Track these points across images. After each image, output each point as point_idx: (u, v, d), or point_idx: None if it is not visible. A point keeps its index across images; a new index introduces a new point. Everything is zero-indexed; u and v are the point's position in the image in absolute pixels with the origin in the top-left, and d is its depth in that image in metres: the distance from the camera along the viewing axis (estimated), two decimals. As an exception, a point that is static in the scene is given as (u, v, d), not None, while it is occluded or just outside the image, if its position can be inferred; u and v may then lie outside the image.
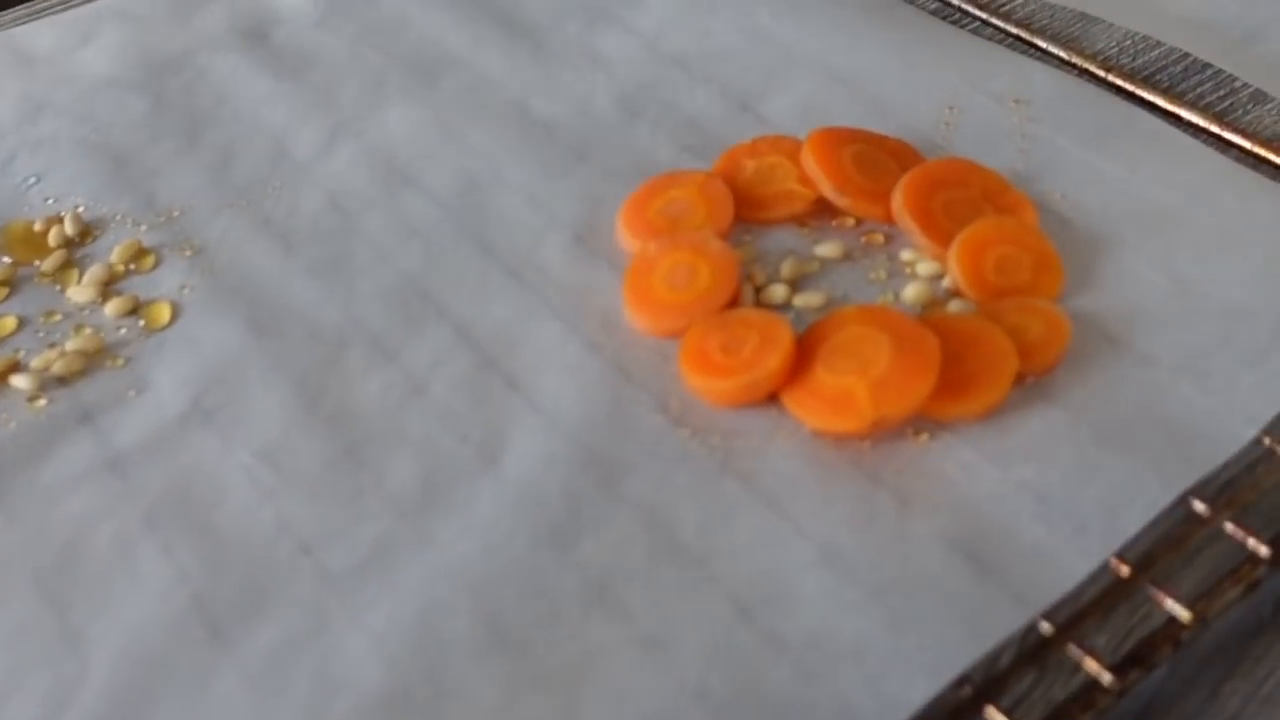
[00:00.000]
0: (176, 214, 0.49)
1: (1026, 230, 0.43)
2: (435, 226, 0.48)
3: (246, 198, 0.50)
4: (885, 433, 0.39)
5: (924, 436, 0.39)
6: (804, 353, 0.40)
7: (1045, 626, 0.34)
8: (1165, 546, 0.36)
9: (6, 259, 0.48)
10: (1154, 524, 0.36)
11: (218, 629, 0.36)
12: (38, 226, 0.49)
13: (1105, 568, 0.35)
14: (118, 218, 0.50)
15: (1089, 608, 0.35)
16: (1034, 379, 0.40)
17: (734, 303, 0.43)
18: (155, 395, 0.42)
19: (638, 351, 0.42)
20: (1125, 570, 0.35)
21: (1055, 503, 0.37)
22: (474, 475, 0.39)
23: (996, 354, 0.39)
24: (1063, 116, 0.50)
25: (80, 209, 0.50)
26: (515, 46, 0.56)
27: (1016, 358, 0.39)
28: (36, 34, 0.60)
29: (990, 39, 0.55)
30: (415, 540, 0.37)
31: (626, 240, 0.46)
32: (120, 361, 0.44)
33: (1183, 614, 0.34)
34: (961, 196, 0.45)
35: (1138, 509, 0.36)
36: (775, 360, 0.39)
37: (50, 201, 0.50)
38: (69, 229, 0.48)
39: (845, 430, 0.38)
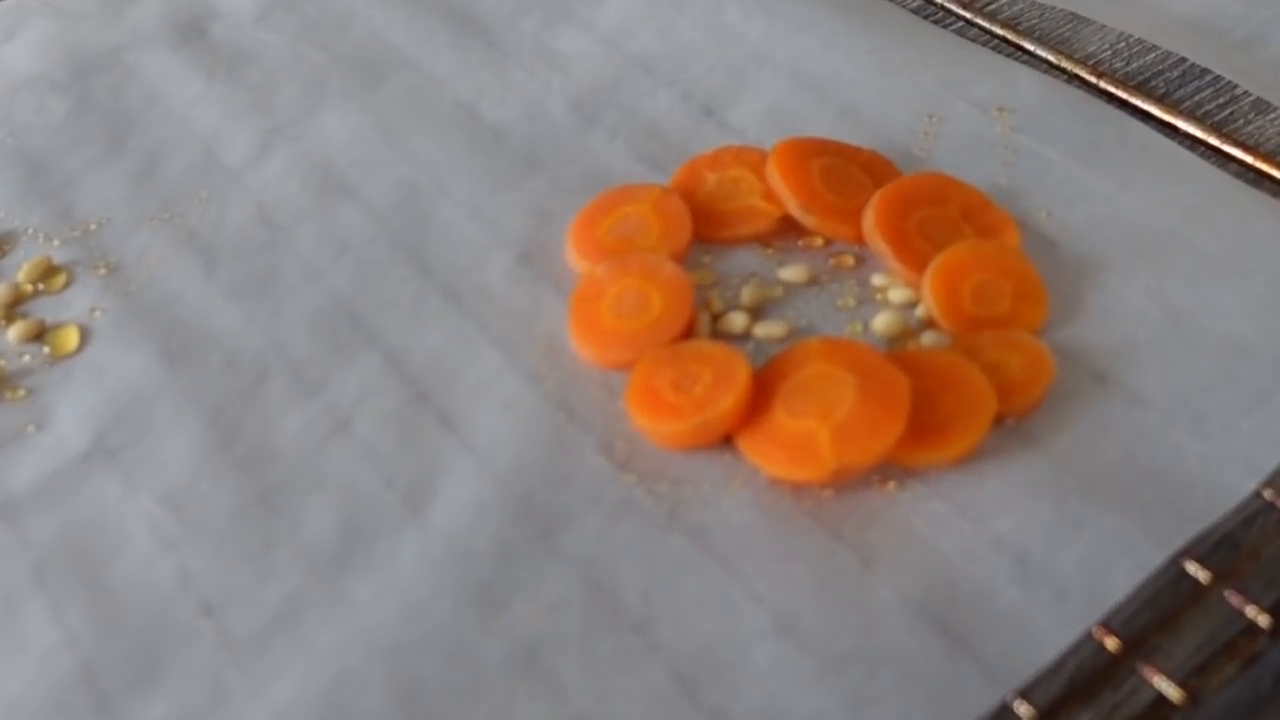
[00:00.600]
0: (93, 227, 0.46)
1: (1008, 254, 0.40)
2: (370, 242, 0.44)
3: (170, 209, 0.46)
4: (848, 481, 0.35)
5: (891, 485, 0.35)
6: (762, 391, 0.37)
7: (1021, 707, 0.31)
8: (1154, 614, 0.32)
9: (-93, 276, 0.44)
10: (1142, 588, 0.33)
11: (105, 702, 0.32)
12: (-58, 240, 0.45)
13: (1088, 638, 0.32)
14: (29, 231, 0.46)
15: (1069, 685, 0.31)
16: (1014, 421, 0.36)
17: (689, 332, 0.39)
18: (55, 431, 0.39)
19: (582, 385, 0.39)
20: (1110, 641, 0.32)
21: (1033, 563, 0.33)
22: (397, 525, 0.35)
23: (972, 396, 0.36)
24: (1050, 126, 0.46)
25: (-10, 221, 0.46)
26: (466, 45, 0.53)
27: (995, 400, 0.36)
28: (-41, 28, 0.56)
29: (974, 40, 0.51)
30: (327, 600, 0.34)
31: (575, 261, 0.42)
32: (20, 393, 0.40)
33: (1173, 692, 0.31)
34: (939, 215, 0.42)
35: (1124, 571, 0.33)
36: (730, 400, 0.36)
37: (-41, 212, 0.47)
38: (-25, 243, 0.45)
39: (804, 479, 0.35)
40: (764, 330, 0.39)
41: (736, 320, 0.40)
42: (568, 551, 0.34)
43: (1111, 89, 0.48)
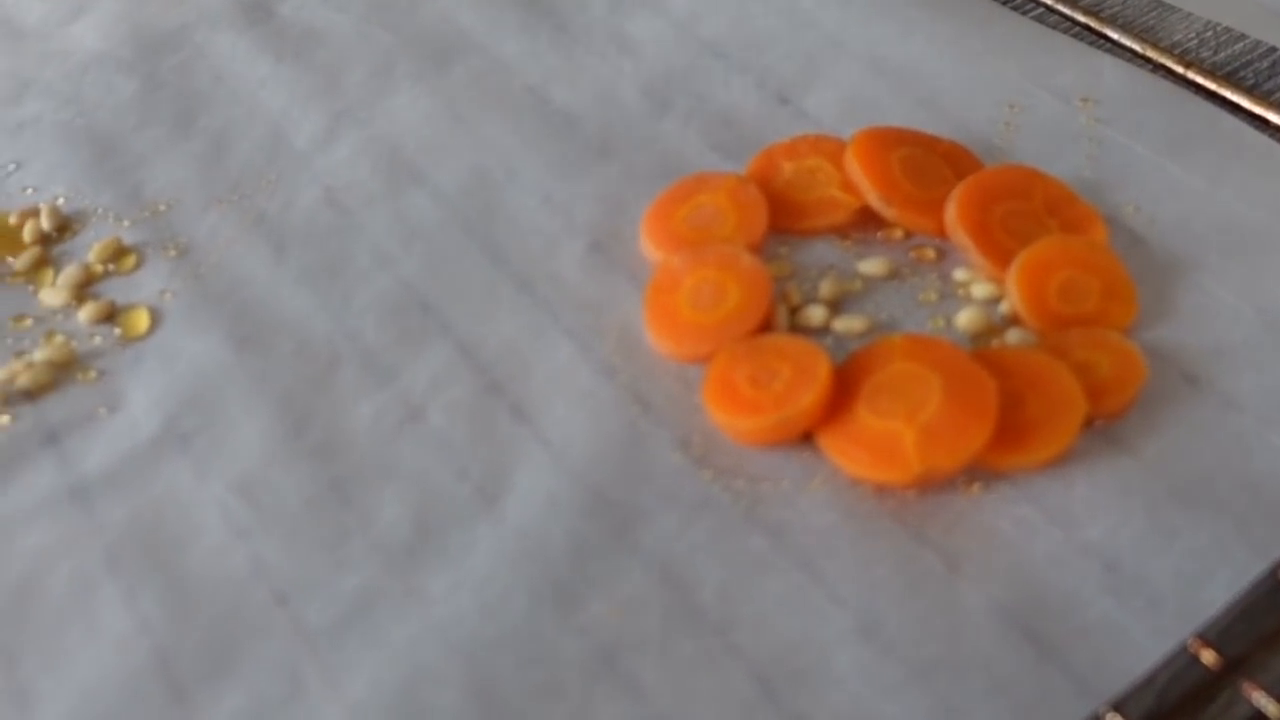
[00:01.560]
0: (162, 209, 0.46)
1: (1096, 251, 0.39)
2: (440, 229, 0.44)
3: (239, 192, 0.46)
4: (933, 483, 0.34)
5: (976, 487, 0.34)
6: (843, 387, 0.36)
7: (1113, 721, 0.30)
8: (1252, 627, 0.31)
9: (-23, 255, 0.44)
10: (1240, 599, 0.32)
11: (181, 691, 0.32)
12: (13, 219, 0.45)
13: (1183, 651, 0.31)
14: (99, 211, 0.46)
15: (1164, 698, 0.30)
16: (1101, 423, 0.35)
17: (766, 326, 0.38)
18: (127, 415, 0.39)
19: (657, 378, 0.38)
20: (1206, 655, 0.31)
21: (1126, 571, 0.32)
22: (471, 519, 0.35)
23: (1062, 397, 0.35)
24: (1136, 118, 0.45)
25: (60, 201, 0.46)
26: (536, 28, 0.52)
27: (1084, 402, 0.34)
28: (29, 6, 0.56)
29: (1055, 28, 0.50)
30: (402, 593, 0.33)
31: (649, 250, 0.41)
32: (92, 375, 0.40)
33: (1272, 709, 0.30)
34: (1023, 209, 0.41)
35: (1220, 581, 0.32)
36: (810, 397, 0.35)
37: (29, 191, 0.47)
38: (46, 223, 0.45)
39: (888, 481, 0.34)
40: (843, 324, 0.39)
41: (815, 314, 0.39)
42: (644, 549, 0.34)
43: (1199, 79, 0.47)
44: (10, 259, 0.44)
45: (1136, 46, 0.48)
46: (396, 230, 0.44)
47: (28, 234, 0.44)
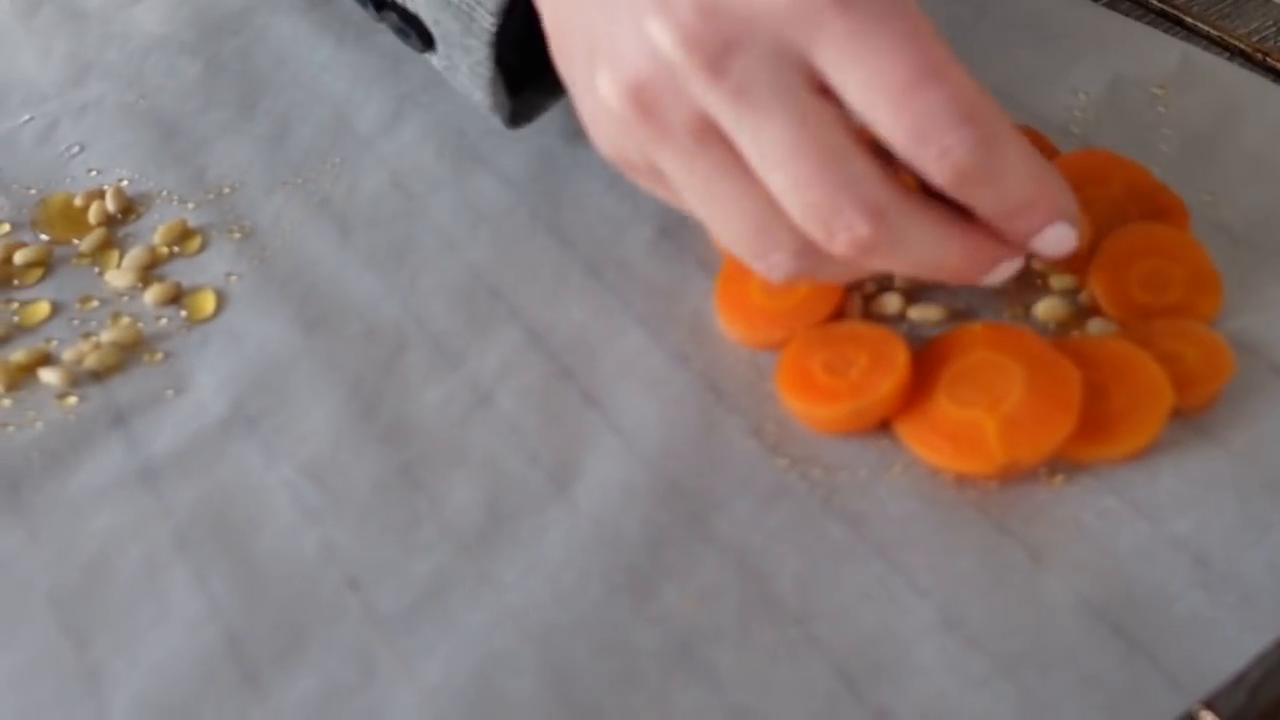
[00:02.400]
0: (226, 191, 0.45)
1: (1180, 239, 0.38)
2: (507, 213, 0.43)
3: (302, 175, 0.46)
4: (1016, 475, 0.34)
5: (1059, 478, 0.34)
6: (921, 376, 0.35)
7: (1207, 718, 0.29)
8: (1348, 625, 0.31)
9: (44, 236, 0.44)
10: (1334, 596, 0.31)
11: (252, 674, 0.32)
12: (78, 201, 0.45)
13: (1276, 646, 0.30)
14: (163, 194, 0.46)
15: (1257, 695, 0.30)
16: (1186, 415, 0.35)
17: (840, 313, 0.38)
18: (194, 397, 0.38)
19: (730, 365, 0.38)
20: (1300, 652, 0.30)
21: (1216, 566, 0.31)
22: (543, 505, 0.35)
23: (1147, 389, 0.34)
24: (1213, 105, 0.44)
25: (124, 183, 0.46)
26: (599, 12, 0.51)
27: (1171, 393, 0.34)
28: (89, -12, 0.56)
29: (1129, 15, 0.49)
30: (475, 579, 0.33)
31: (719, 236, 0.41)
32: (159, 356, 0.40)
33: (1370, 709, 0.29)
34: (1102, 196, 0.40)
35: (1314, 577, 0.31)
36: (888, 385, 0.34)
37: (93, 174, 0.47)
38: (111, 205, 0.45)
39: (970, 471, 0.33)
40: (919, 313, 0.38)
41: (891, 301, 0.38)
42: (719, 537, 0.33)
43: (1277, 66, 0.46)
44: (75, 240, 0.44)
45: (1213, 33, 0.47)
46: (463, 214, 0.43)
47: (93, 216, 0.44)
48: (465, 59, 0.38)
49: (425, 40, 0.40)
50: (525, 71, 0.40)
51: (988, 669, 0.30)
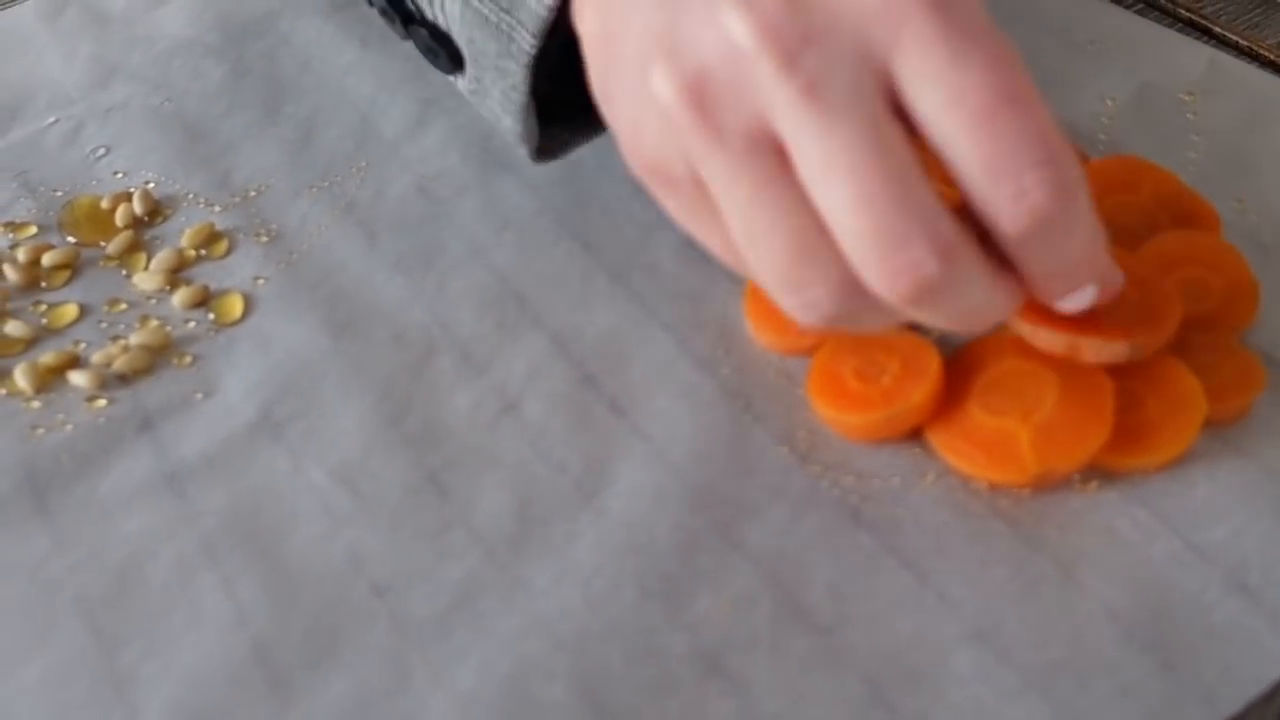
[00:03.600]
0: (253, 194, 0.45)
1: (1218, 247, 0.37)
2: (533, 218, 0.43)
3: (329, 178, 0.46)
4: (1049, 484, 0.33)
5: (1092, 486, 0.34)
6: (953, 383, 0.35)
7: (1244, 731, 0.29)
8: (1385, 637, 0.30)
9: (70, 239, 0.44)
10: (1371, 608, 0.31)
11: (283, 679, 0.32)
12: (105, 204, 0.45)
13: (1312, 659, 0.30)
14: (190, 196, 0.46)
15: (1294, 708, 0.29)
16: (1217, 427, 0.34)
17: (870, 319, 0.38)
18: (223, 401, 0.38)
19: (759, 371, 0.38)
20: (1337, 664, 0.30)
21: (1252, 576, 0.31)
22: (573, 511, 0.34)
23: (1182, 398, 0.34)
24: (1241, 112, 0.44)
25: (150, 185, 0.46)
26: (624, 17, 0.51)
27: (1205, 403, 0.34)
28: (113, -10, 0.56)
29: (1157, 23, 0.49)
30: (506, 585, 0.33)
31: (747, 242, 0.41)
32: (187, 360, 0.40)
33: None
34: (1132, 202, 0.39)
35: (1351, 589, 0.31)
36: (921, 393, 0.34)
37: (119, 176, 0.47)
38: (138, 207, 0.45)
39: (1003, 481, 0.33)
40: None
41: (921, 309, 0.38)
42: (751, 545, 0.33)
43: (1306, 75, 0.46)
44: (103, 243, 0.44)
45: (1242, 42, 0.47)
46: (488, 219, 0.43)
47: (120, 218, 0.44)
48: (499, 83, 0.36)
49: (454, 60, 0.38)
50: (556, 105, 0.38)
51: (1022, 679, 0.30)
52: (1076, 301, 0.30)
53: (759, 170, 0.27)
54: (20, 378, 0.39)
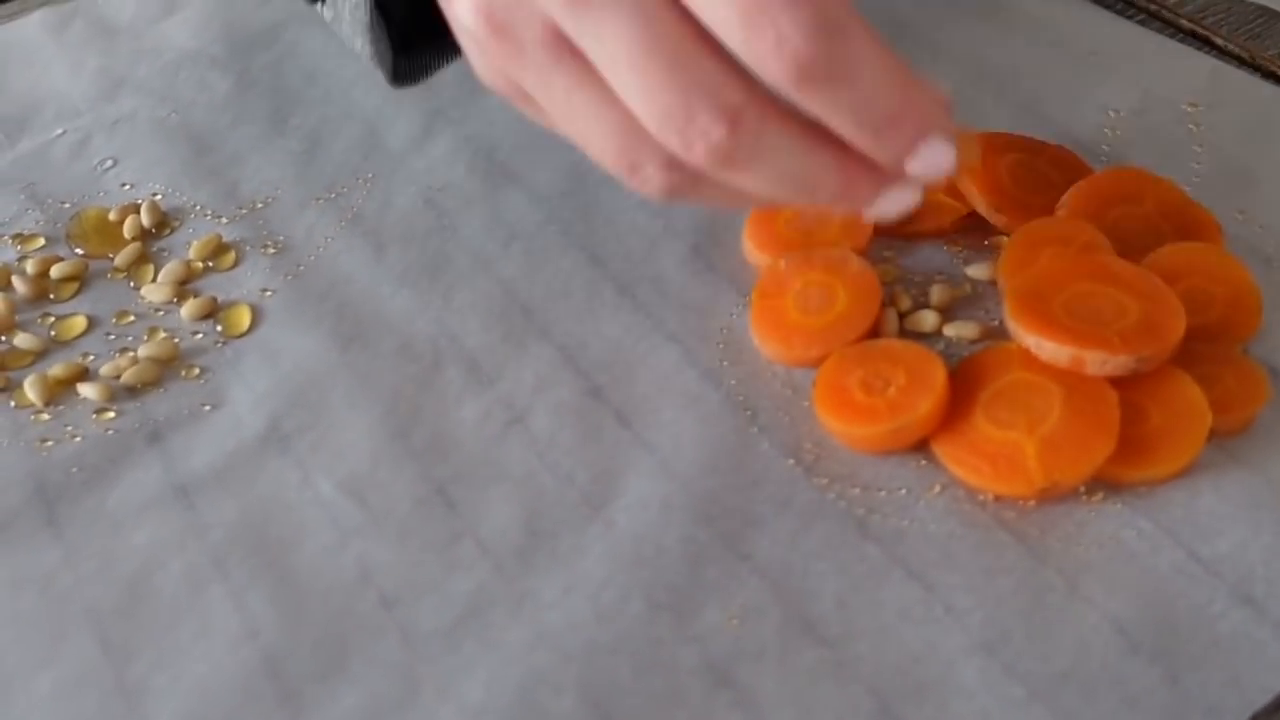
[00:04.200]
0: (259, 206, 0.46)
1: (1221, 258, 0.38)
2: (539, 230, 0.43)
3: (335, 190, 0.46)
4: (1055, 496, 0.34)
5: (1097, 497, 0.34)
6: (958, 395, 0.35)
7: (1250, 741, 0.29)
8: (1389, 648, 0.31)
9: (78, 251, 0.44)
10: (1375, 619, 0.31)
11: (293, 691, 0.32)
12: (113, 215, 0.45)
13: (1318, 670, 0.30)
14: (197, 208, 0.46)
15: (1299, 719, 0.30)
16: (1221, 439, 0.35)
17: (875, 330, 0.38)
18: (231, 412, 0.39)
19: (765, 383, 0.38)
20: (1342, 675, 0.30)
21: (1257, 587, 0.31)
22: (581, 523, 0.35)
23: (1186, 410, 0.34)
24: (1243, 124, 0.44)
25: (158, 197, 0.46)
26: (628, 28, 0.52)
27: (1209, 415, 0.34)
28: (120, 3, 0.56)
29: (1159, 34, 0.49)
30: (514, 597, 0.33)
31: (753, 254, 0.41)
32: (195, 372, 0.40)
33: None
34: (1135, 214, 0.40)
35: (1355, 599, 0.31)
36: (927, 405, 0.34)
37: (127, 188, 0.47)
38: (145, 219, 0.45)
39: (1010, 493, 0.33)
40: (955, 330, 0.38)
41: (927, 319, 0.38)
42: (758, 557, 0.33)
43: (1308, 86, 0.46)
44: (110, 255, 0.44)
45: (1243, 54, 0.48)
46: (494, 231, 0.44)
47: (128, 230, 0.44)
48: (346, 3, 0.37)
49: None
50: (417, 29, 0.38)
51: (1029, 691, 0.30)
52: (928, 163, 0.29)
53: (565, 74, 0.29)
54: (29, 390, 0.39)
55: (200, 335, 0.41)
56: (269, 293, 0.42)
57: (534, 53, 0.29)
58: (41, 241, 0.45)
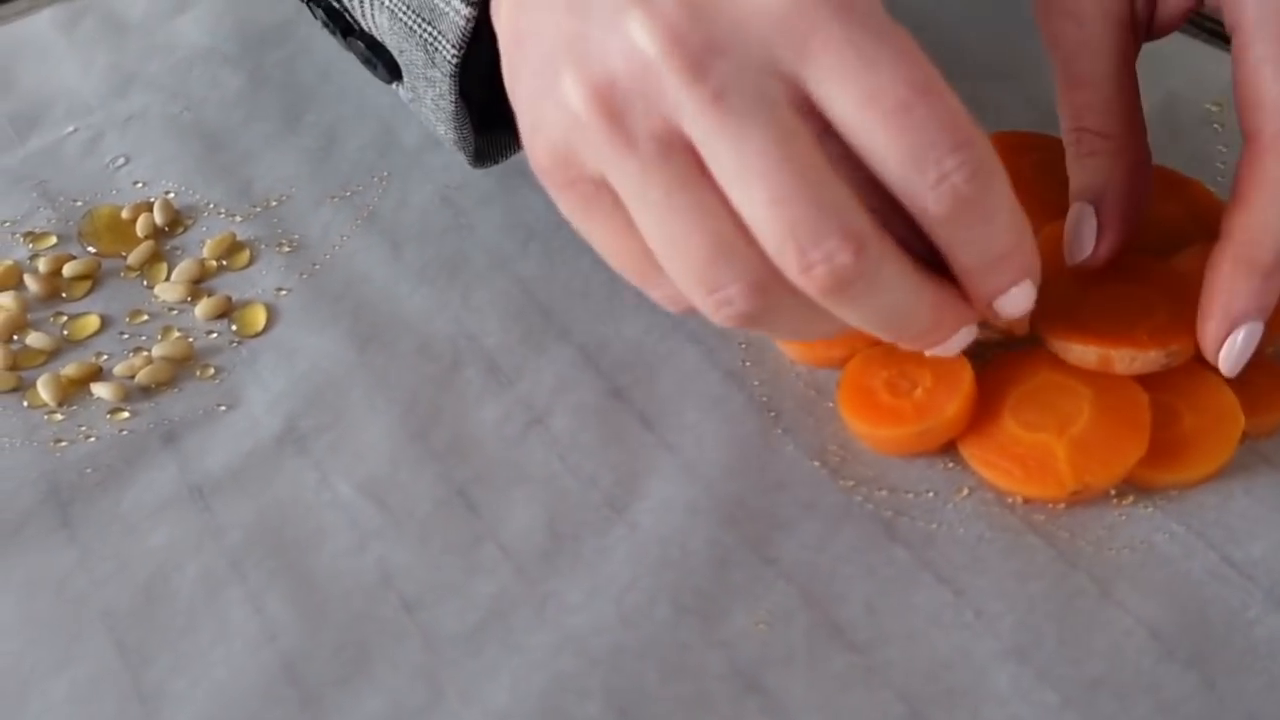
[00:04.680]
0: (274, 204, 0.45)
1: (1249, 261, 0.37)
2: (557, 228, 0.43)
3: (350, 188, 0.45)
4: (1086, 499, 0.33)
5: (1129, 500, 0.33)
6: (986, 396, 0.35)
7: (1289, 748, 0.29)
8: None
9: (91, 249, 0.44)
10: None
11: (315, 695, 0.31)
12: (125, 214, 0.45)
13: (1355, 676, 0.30)
14: (210, 206, 0.45)
15: (1337, 725, 0.29)
16: (1252, 441, 0.34)
17: (899, 332, 0.37)
18: (247, 413, 0.38)
19: (789, 384, 0.37)
20: (1380, 681, 0.30)
21: (1291, 593, 0.31)
22: (604, 525, 0.34)
23: (1218, 412, 0.33)
24: (1270, 123, 0.44)
25: (170, 195, 0.46)
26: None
27: (1242, 417, 0.33)
28: (131, 0, 0.56)
29: (1182, 32, 0.49)
30: (538, 600, 0.33)
31: (775, 253, 0.41)
32: (210, 371, 0.39)
33: None
34: (1162, 214, 0.39)
35: (1392, 604, 0.31)
36: (954, 406, 0.34)
37: (139, 185, 0.46)
38: (158, 218, 0.44)
39: (1040, 496, 0.33)
40: (982, 331, 0.37)
41: (952, 320, 0.38)
42: (786, 560, 0.33)
43: (1334, 85, 0.45)
44: (123, 253, 0.43)
45: (1266, 51, 0.47)
46: (512, 230, 0.43)
47: (141, 228, 0.44)
48: (429, 91, 0.37)
49: (392, 70, 0.38)
50: (495, 109, 0.37)
51: (1062, 697, 0.30)
52: (1016, 302, 0.30)
53: (672, 173, 0.28)
54: (42, 390, 0.39)
55: (215, 335, 0.41)
56: (284, 292, 0.42)
57: (644, 146, 0.28)
58: (53, 240, 0.44)
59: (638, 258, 0.30)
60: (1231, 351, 0.33)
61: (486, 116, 0.38)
